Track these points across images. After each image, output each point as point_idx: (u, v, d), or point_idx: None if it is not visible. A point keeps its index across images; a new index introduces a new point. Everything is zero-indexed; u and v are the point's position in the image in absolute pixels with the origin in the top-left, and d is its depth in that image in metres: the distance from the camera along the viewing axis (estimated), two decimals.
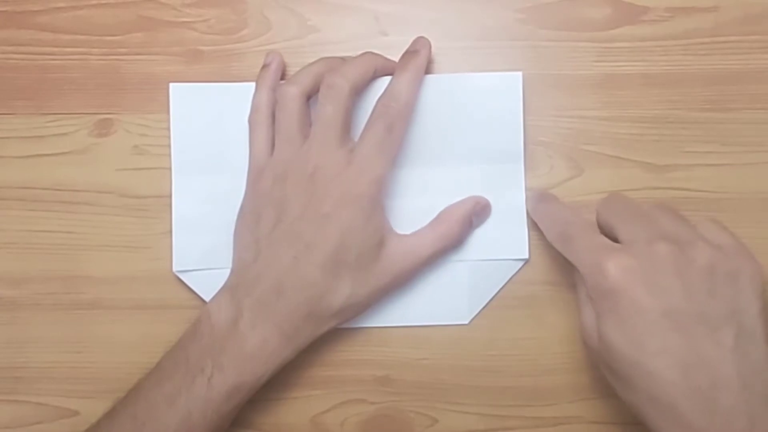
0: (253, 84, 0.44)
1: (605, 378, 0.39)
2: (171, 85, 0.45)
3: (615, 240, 0.37)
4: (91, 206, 0.45)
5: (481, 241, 0.44)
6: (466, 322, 0.44)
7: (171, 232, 0.44)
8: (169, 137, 0.45)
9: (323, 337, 0.44)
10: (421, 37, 0.43)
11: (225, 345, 0.39)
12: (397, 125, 0.41)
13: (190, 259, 0.44)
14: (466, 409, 0.44)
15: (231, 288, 0.41)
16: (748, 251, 0.37)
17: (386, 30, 0.46)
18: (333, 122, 0.40)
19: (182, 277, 0.44)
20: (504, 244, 0.44)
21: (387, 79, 0.43)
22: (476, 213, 0.43)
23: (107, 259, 0.44)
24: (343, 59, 0.43)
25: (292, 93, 0.41)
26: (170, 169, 0.44)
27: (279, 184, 0.41)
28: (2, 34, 0.45)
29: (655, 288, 0.34)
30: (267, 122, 0.43)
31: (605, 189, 0.44)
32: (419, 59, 0.42)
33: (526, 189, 0.44)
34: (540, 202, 0.43)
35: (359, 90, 0.42)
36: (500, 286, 0.44)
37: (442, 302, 0.44)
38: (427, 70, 0.43)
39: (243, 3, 0.46)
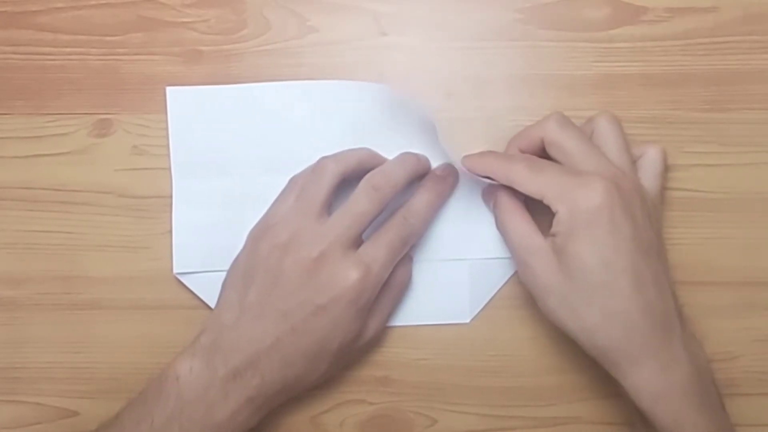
0: (250, 85, 0.44)
1: (604, 378, 0.39)
2: (168, 88, 0.44)
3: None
4: (91, 206, 0.45)
5: (481, 240, 0.44)
6: (466, 321, 0.44)
7: (170, 232, 0.44)
8: (168, 137, 0.44)
9: None
10: (450, 165, 0.44)
11: (193, 412, 0.38)
12: (410, 241, 0.42)
13: (191, 262, 0.44)
14: (466, 409, 0.44)
15: (204, 351, 0.39)
16: (662, 198, 0.43)
17: (386, 30, 0.46)
18: (360, 219, 0.40)
19: (182, 279, 0.44)
20: (504, 244, 0.44)
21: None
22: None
23: (107, 260, 0.44)
24: (382, 157, 0.43)
25: (332, 168, 0.41)
26: (169, 169, 0.44)
27: (280, 253, 0.40)
28: (2, 34, 0.45)
29: (628, 214, 0.38)
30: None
31: None
32: (445, 186, 0.43)
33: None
34: (485, 156, 0.42)
35: (396, 196, 0.41)
36: (500, 286, 0.44)
37: (442, 302, 0.44)
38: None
39: (242, 3, 0.46)
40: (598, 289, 0.38)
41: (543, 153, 0.41)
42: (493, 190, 0.42)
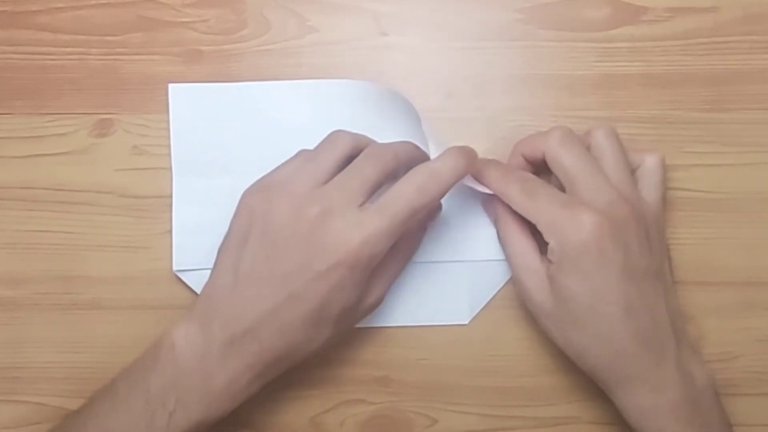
0: (253, 84, 0.44)
1: None
2: (170, 85, 0.45)
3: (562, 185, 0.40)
4: (91, 206, 0.45)
5: (481, 242, 0.44)
6: (466, 322, 0.44)
7: (170, 232, 0.44)
8: (168, 137, 0.44)
9: None
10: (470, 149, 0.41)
11: (190, 380, 0.37)
12: (420, 212, 0.38)
13: (190, 259, 0.44)
14: (466, 409, 0.44)
15: (200, 318, 0.38)
16: (663, 207, 0.42)
17: (386, 30, 0.46)
18: (364, 182, 0.39)
19: (182, 276, 0.44)
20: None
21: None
22: (419, 208, 0.39)
23: (107, 259, 0.44)
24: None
25: (346, 138, 0.41)
26: (169, 169, 0.44)
27: (276, 212, 0.38)
28: (2, 34, 0.45)
29: (619, 244, 0.38)
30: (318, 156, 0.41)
31: None
32: (470, 157, 0.40)
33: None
34: (487, 168, 0.42)
35: (399, 173, 0.39)
36: (500, 286, 0.44)
37: (442, 302, 0.44)
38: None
39: (242, 3, 0.46)
40: (587, 318, 0.39)
41: (545, 162, 0.41)
42: (494, 201, 0.42)
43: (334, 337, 0.40)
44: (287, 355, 0.39)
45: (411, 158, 0.41)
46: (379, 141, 0.42)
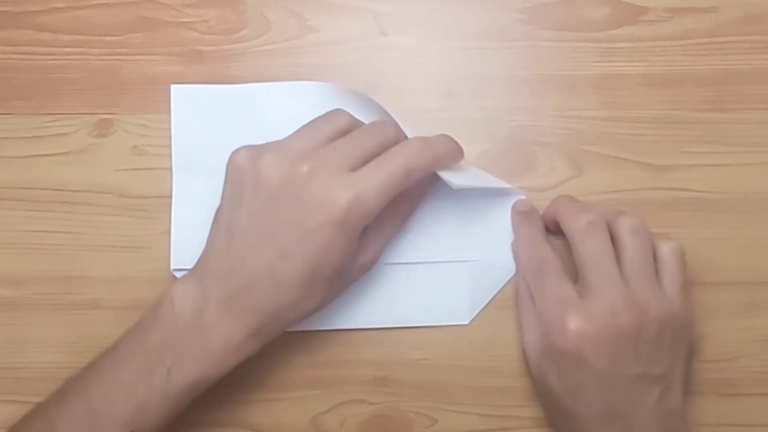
0: (254, 85, 0.44)
1: None
2: (172, 86, 0.45)
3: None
4: (91, 206, 0.45)
5: (481, 243, 0.44)
6: (467, 322, 0.44)
7: (170, 232, 0.44)
8: (168, 137, 0.44)
9: (323, 338, 0.44)
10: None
11: (188, 337, 0.38)
12: (414, 176, 0.38)
13: (188, 258, 0.44)
14: (466, 409, 0.44)
15: (198, 275, 0.39)
16: (689, 302, 0.41)
17: (386, 30, 0.46)
18: (357, 147, 0.39)
19: (179, 276, 0.44)
20: (504, 244, 0.44)
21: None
22: (413, 170, 0.39)
23: (106, 260, 0.44)
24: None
25: (346, 115, 0.41)
26: (170, 169, 0.44)
27: (268, 169, 0.38)
28: (2, 34, 0.45)
29: (605, 353, 0.38)
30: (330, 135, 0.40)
31: (605, 189, 0.44)
32: (458, 150, 0.41)
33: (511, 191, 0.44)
34: (523, 224, 0.43)
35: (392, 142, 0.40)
36: (500, 287, 0.44)
37: (442, 303, 0.44)
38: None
39: (243, 3, 0.46)
40: (563, 410, 0.40)
41: None
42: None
43: (329, 297, 0.40)
44: (283, 314, 0.39)
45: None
46: None
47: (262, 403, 0.43)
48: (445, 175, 0.40)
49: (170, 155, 0.44)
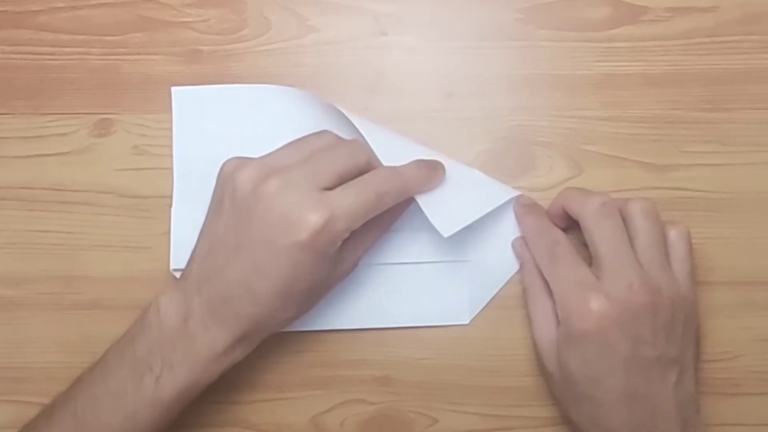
0: (255, 86, 0.44)
1: None
2: (173, 89, 0.45)
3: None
4: (91, 206, 0.45)
5: (481, 242, 0.44)
6: (467, 322, 0.44)
7: (170, 232, 0.44)
8: (168, 137, 0.45)
9: (323, 338, 0.44)
10: (437, 162, 0.42)
11: (175, 343, 0.38)
12: (386, 201, 0.39)
13: (187, 258, 0.44)
14: (466, 409, 0.44)
15: (183, 282, 0.39)
16: (695, 287, 0.41)
17: (386, 30, 0.46)
18: (332, 164, 0.38)
19: (179, 276, 0.44)
20: (504, 244, 0.44)
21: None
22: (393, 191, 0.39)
23: (107, 260, 0.44)
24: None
25: (332, 137, 0.41)
26: (170, 169, 0.44)
27: (245, 183, 0.38)
28: (2, 34, 0.45)
29: (627, 334, 0.38)
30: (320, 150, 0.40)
31: (605, 189, 0.44)
32: (440, 172, 0.41)
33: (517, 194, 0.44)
34: (528, 214, 0.43)
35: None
36: (500, 286, 0.44)
37: (442, 302, 0.44)
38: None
39: (243, 3, 0.46)
40: (584, 399, 0.39)
41: None
42: (524, 247, 0.43)
43: (308, 306, 0.40)
44: (264, 322, 0.39)
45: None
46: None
47: (262, 403, 0.43)
48: (437, 222, 0.40)
49: (170, 155, 0.44)
